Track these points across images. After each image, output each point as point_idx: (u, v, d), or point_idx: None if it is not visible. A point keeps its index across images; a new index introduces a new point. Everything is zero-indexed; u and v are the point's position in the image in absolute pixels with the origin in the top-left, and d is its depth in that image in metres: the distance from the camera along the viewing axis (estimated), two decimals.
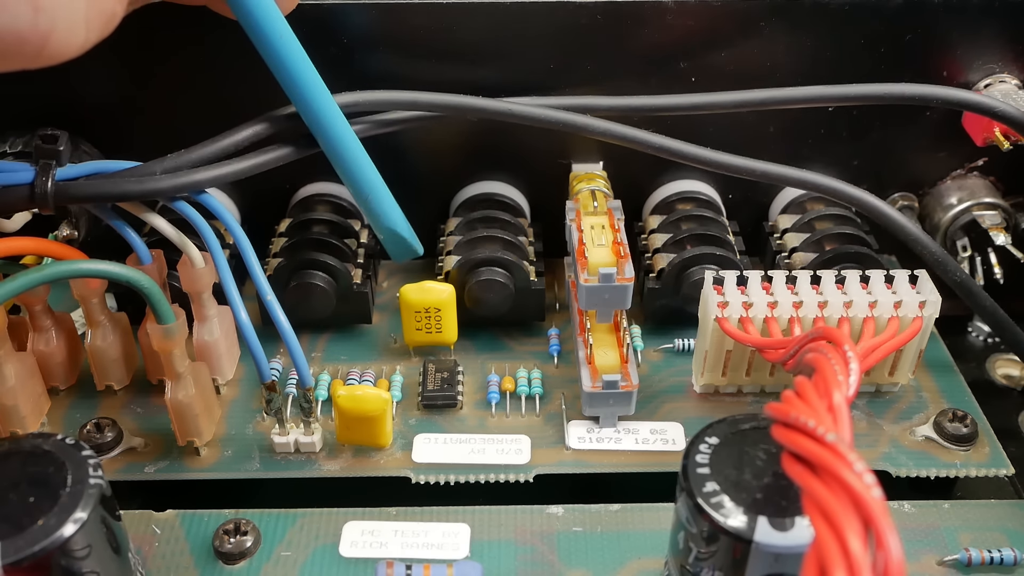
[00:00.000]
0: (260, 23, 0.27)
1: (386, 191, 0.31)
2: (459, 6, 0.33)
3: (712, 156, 0.33)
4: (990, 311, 0.34)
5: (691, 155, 0.33)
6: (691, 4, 0.33)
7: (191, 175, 0.29)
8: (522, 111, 0.32)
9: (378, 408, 0.30)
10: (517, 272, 0.35)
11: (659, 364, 0.36)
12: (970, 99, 0.32)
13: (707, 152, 0.33)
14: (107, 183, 0.28)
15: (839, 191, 0.33)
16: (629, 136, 0.33)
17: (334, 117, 0.29)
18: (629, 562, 0.28)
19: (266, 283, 0.29)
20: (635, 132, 0.33)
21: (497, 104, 0.32)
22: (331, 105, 0.29)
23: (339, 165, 0.30)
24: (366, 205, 0.31)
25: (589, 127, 0.32)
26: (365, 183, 0.30)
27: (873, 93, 0.32)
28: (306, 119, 0.29)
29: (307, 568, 0.28)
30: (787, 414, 0.21)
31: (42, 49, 0.20)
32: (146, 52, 0.34)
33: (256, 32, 0.27)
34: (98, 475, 0.23)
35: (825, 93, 0.32)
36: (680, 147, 0.33)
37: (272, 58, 0.28)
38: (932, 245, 0.33)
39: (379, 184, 0.31)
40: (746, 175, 0.33)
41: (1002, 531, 0.29)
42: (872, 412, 0.33)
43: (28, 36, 0.20)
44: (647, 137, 0.33)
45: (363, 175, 0.30)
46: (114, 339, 0.33)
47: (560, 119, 0.32)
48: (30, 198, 0.28)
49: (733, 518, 0.22)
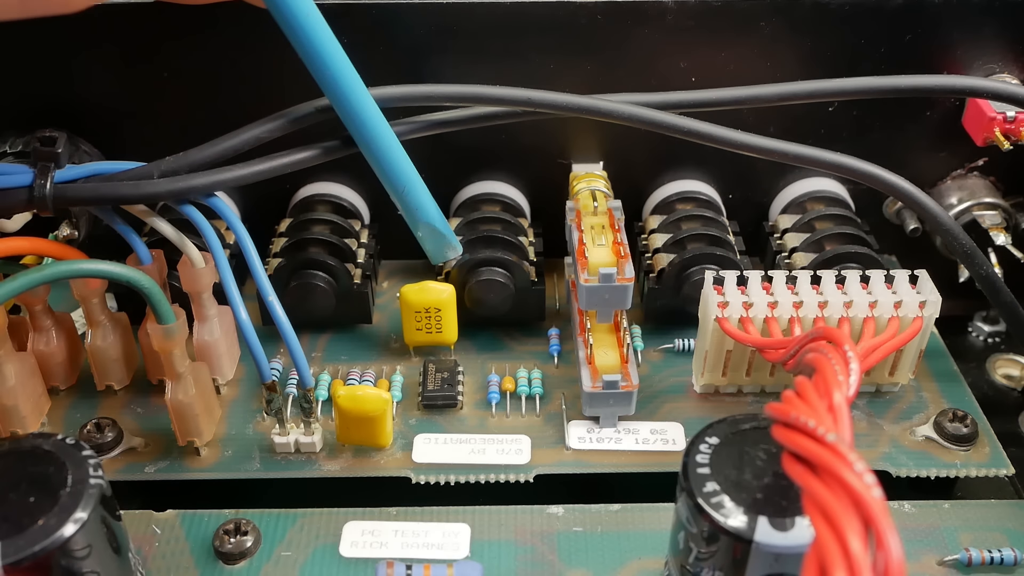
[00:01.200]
0: (293, 10, 0.26)
1: (422, 184, 0.31)
2: (459, 6, 0.33)
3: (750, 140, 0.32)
4: (1011, 308, 0.33)
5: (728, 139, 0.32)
6: (691, 4, 0.33)
7: (189, 180, 0.29)
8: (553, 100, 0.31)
9: (378, 408, 0.30)
10: (517, 272, 0.35)
11: (659, 364, 0.36)
12: (978, 85, 0.32)
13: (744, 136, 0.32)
14: (105, 186, 0.28)
15: (874, 176, 0.32)
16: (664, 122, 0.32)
17: (369, 107, 0.29)
18: (629, 562, 0.28)
19: (267, 282, 0.29)
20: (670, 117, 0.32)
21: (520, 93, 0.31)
22: (365, 95, 0.28)
23: (373, 156, 0.29)
24: (401, 198, 0.31)
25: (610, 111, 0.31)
26: (400, 175, 0.30)
27: (890, 86, 0.32)
28: (339, 108, 0.28)
29: (307, 568, 0.28)
30: (787, 414, 0.21)
31: None
32: (147, 52, 0.34)
33: (289, 20, 0.26)
34: (98, 475, 0.23)
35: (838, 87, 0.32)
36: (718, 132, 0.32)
37: (305, 48, 0.27)
38: (963, 236, 0.33)
39: (414, 177, 0.30)
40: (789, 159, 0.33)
41: (1002, 531, 0.29)
42: (872, 412, 0.33)
43: None
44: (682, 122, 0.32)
45: (398, 166, 0.30)
46: (114, 339, 0.33)
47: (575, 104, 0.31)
48: (28, 201, 0.28)
49: (733, 518, 0.22)
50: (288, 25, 0.27)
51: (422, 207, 0.31)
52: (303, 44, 0.27)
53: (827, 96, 0.32)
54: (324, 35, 0.27)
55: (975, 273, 0.33)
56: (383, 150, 0.29)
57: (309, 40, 0.27)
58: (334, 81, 0.28)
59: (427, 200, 0.31)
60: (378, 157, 0.30)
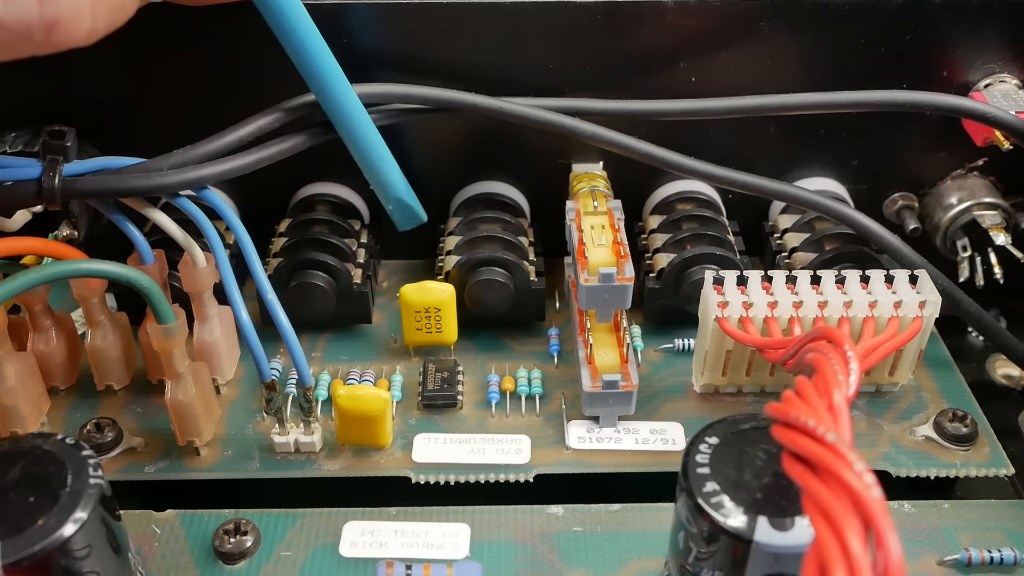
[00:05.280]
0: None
1: (393, 162, 0.32)
2: (459, 6, 0.33)
3: (702, 168, 0.34)
4: (975, 316, 0.34)
5: (680, 165, 0.34)
6: (691, 4, 0.33)
7: (198, 170, 0.29)
8: (520, 111, 0.32)
9: (378, 408, 0.30)
10: (517, 272, 0.35)
11: (659, 364, 0.36)
12: (964, 105, 0.32)
13: (695, 163, 0.34)
14: (114, 179, 0.28)
15: (820, 205, 0.34)
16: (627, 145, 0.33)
17: (344, 90, 0.29)
18: (629, 562, 0.28)
19: (267, 282, 0.29)
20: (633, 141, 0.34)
21: (492, 102, 0.32)
22: (341, 79, 0.29)
23: (349, 136, 0.30)
24: (375, 176, 0.32)
25: (586, 133, 0.33)
26: (375, 155, 0.31)
27: (868, 100, 0.33)
28: (316, 92, 0.30)
29: (307, 568, 0.28)
30: (787, 414, 0.21)
31: (48, 37, 0.21)
32: (148, 49, 0.33)
33: (268, 10, 0.27)
34: (98, 475, 0.23)
35: (818, 100, 0.33)
36: (673, 158, 0.34)
37: (280, 27, 0.28)
38: (912, 255, 0.34)
39: (387, 155, 0.31)
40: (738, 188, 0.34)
41: (1002, 531, 0.29)
42: (872, 412, 0.33)
43: (35, 25, 0.21)
44: (643, 147, 0.34)
45: (373, 148, 0.31)
46: (114, 339, 0.33)
47: (553, 121, 0.33)
48: (37, 194, 0.28)
49: (733, 518, 0.22)
50: (274, 24, 0.28)
51: (393, 183, 0.32)
52: (276, 24, 0.28)
53: (813, 109, 0.33)
54: (301, 22, 0.28)
55: (936, 285, 0.33)
56: (358, 131, 0.30)
57: (281, 18, 0.28)
58: (307, 59, 0.29)
59: (397, 176, 0.32)
60: (353, 138, 0.31)
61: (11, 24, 0.20)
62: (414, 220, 0.33)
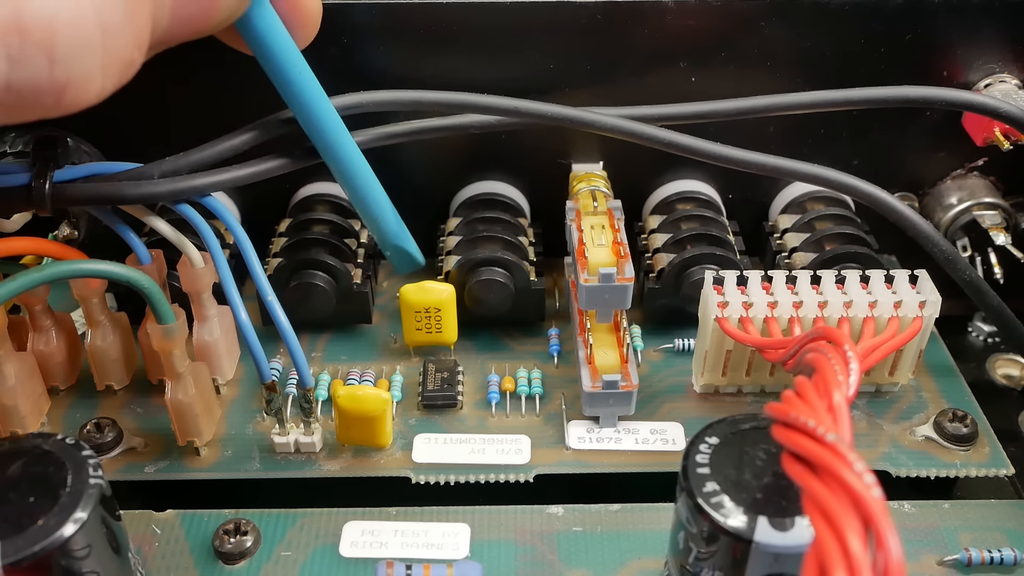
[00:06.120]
0: (277, 59, 0.27)
1: (392, 210, 0.31)
2: (459, 6, 0.33)
3: (722, 151, 0.32)
4: (997, 310, 0.34)
5: (702, 151, 0.32)
6: (691, 4, 0.33)
7: (190, 180, 0.29)
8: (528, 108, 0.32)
9: (378, 408, 0.30)
10: (517, 272, 0.35)
11: (659, 364, 0.36)
12: (972, 100, 0.32)
13: (718, 147, 0.32)
14: (104, 186, 0.28)
15: (849, 186, 0.33)
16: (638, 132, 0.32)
17: (347, 145, 0.29)
18: (629, 562, 0.28)
19: (266, 282, 0.29)
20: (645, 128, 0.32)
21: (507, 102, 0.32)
22: (344, 134, 0.29)
23: (348, 185, 0.30)
24: (375, 225, 0.31)
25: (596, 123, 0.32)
26: (374, 204, 0.31)
27: (874, 97, 0.32)
28: (319, 146, 0.29)
29: (307, 568, 0.28)
30: (787, 414, 0.21)
31: (59, 100, 0.20)
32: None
33: (272, 67, 0.27)
34: (98, 475, 0.23)
35: (824, 98, 0.32)
36: (692, 143, 0.32)
37: (287, 91, 0.27)
38: (943, 243, 0.33)
39: (386, 203, 0.31)
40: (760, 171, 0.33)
41: (1002, 531, 0.29)
42: (872, 412, 0.33)
43: (45, 88, 0.20)
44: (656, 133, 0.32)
45: (372, 196, 0.31)
46: (114, 339, 0.33)
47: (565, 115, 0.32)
48: (27, 200, 0.28)
49: (733, 518, 0.22)
50: (266, 66, 0.27)
51: (392, 232, 0.32)
52: (282, 88, 0.27)
53: (819, 107, 0.33)
54: (304, 81, 0.27)
55: (959, 279, 0.33)
56: (357, 178, 0.30)
57: (288, 84, 0.27)
58: (313, 121, 0.28)
59: (398, 224, 0.32)
60: (352, 186, 0.30)
61: (20, 88, 0.19)
62: (412, 265, 0.33)
